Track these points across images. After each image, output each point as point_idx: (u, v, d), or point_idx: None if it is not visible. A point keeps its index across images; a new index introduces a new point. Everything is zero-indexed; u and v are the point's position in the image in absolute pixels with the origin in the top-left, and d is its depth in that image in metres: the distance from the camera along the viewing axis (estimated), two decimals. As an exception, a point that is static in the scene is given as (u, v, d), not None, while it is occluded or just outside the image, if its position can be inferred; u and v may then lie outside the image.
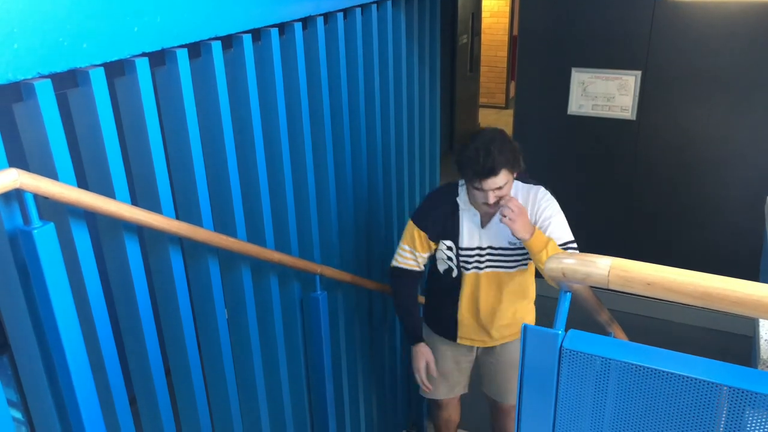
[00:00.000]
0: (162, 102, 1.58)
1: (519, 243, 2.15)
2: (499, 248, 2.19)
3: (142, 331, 1.57)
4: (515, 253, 2.20)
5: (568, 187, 4.23)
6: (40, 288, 1.23)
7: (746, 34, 3.51)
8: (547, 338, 1.03)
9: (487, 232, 2.18)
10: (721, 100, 3.69)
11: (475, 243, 2.20)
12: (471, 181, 2.01)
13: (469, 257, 2.22)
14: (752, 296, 0.87)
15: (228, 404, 1.93)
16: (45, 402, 1.38)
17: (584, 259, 0.98)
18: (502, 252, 2.20)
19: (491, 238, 2.19)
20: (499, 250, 2.20)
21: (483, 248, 2.20)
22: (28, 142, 1.28)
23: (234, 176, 1.80)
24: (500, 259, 2.22)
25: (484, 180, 1.95)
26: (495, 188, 1.98)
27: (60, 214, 1.32)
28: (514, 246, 2.18)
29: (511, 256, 2.20)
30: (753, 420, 0.96)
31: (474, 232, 2.19)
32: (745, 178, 3.76)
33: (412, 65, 2.91)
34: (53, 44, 1.17)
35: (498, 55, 9.13)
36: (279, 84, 1.92)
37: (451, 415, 2.70)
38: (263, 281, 2.05)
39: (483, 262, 2.22)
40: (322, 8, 2.08)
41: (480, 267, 2.23)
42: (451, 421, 2.73)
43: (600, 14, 3.81)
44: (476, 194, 2.03)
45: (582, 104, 4.00)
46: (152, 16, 1.38)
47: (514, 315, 2.33)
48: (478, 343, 2.39)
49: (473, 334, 2.36)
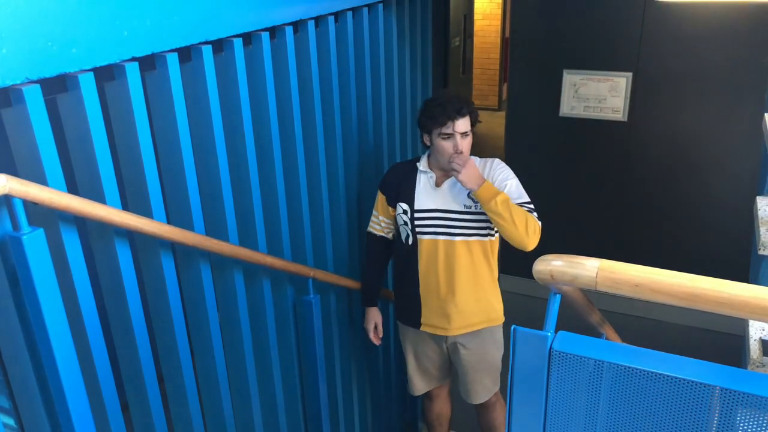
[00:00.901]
0: (152, 106, 1.58)
1: (474, 207, 2.20)
2: (455, 211, 2.24)
3: (134, 336, 1.56)
4: (472, 218, 2.23)
5: (560, 188, 4.25)
6: (29, 294, 1.22)
7: (736, 35, 3.54)
8: (536, 340, 1.03)
9: (442, 193, 2.25)
10: (711, 101, 3.71)
11: (430, 205, 2.26)
12: (441, 128, 2.13)
13: (423, 220, 2.26)
14: (738, 297, 0.88)
15: (221, 409, 1.93)
16: (36, 409, 1.37)
17: (572, 260, 0.99)
18: (458, 217, 2.23)
19: (446, 201, 2.24)
20: (454, 214, 2.24)
21: (437, 210, 2.25)
22: (17, 147, 1.27)
23: (225, 180, 1.79)
24: (456, 225, 2.24)
25: (456, 120, 2.11)
26: (462, 132, 2.13)
27: (50, 219, 1.31)
28: (470, 210, 2.22)
29: (467, 221, 2.23)
30: (744, 420, 0.97)
31: (429, 193, 2.26)
32: (736, 178, 3.79)
33: (404, 68, 2.92)
34: (42, 49, 1.17)
35: (490, 58, 9.16)
36: (270, 88, 1.92)
37: (442, 409, 2.73)
38: (256, 285, 2.05)
39: (438, 227, 2.25)
40: (313, 12, 2.08)
41: (436, 233, 2.26)
42: (443, 416, 2.76)
43: (591, 16, 3.83)
44: (444, 145, 2.15)
45: (574, 106, 4.02)
46: (142, 21, 1.38)
47: (476, 299, 2.32)
48: (440, 331, 2.38)
49: (435, 319, 2.36)
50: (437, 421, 2.78)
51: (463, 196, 2.22)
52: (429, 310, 2.36)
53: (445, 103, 2.13)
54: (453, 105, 2.12)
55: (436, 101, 2.18)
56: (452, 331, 2.37)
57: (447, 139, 2.15)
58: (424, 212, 2.26)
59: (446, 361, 2.55)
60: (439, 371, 2.59)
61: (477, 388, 2.49)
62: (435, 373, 2.58)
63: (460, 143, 2.14)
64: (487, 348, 2.43)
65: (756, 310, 0.88)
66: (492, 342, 2.44)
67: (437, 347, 2.49)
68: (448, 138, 2.14)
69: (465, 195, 2.21)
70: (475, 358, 2.43)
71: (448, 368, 2.60)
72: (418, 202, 2.27)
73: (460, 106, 2.13)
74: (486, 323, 2.38)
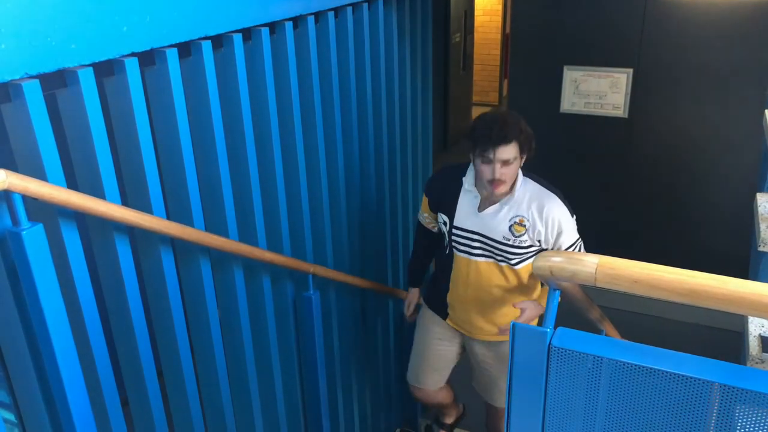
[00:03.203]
0: (152, 102, 1.58)
1: (513, 240, 2.11)
2: (492, 239, 2.14)
3: (134, 332, 1.57)
4: (509, 250, 2.14)
5: (560, 184, 4.24)
6: (29, 290, 1.22)
7: (737, 31, 3.53)
8: (535, 336, 1.03)
9: (483, 219, 2.14)
10: (712, 97, 3.71)
11: (469, 226, 2.17)
12: (482, 151, 1.99)
13: (460, 238, 2.19)
14: (737, 293, 0.88)
15: (221, 405, 1.93)
16: (36, 404, 1.37)
17: (571, 257, 0.99)
18: (495, 245, 2.15)
19: (485, 227, 2.14)
20: (491, 242, 2.15)
21: (475, 233, 2.16)
22: (17, 142, 1.27)
23: (225, 176, 1.79)
24: (492, 252, 2.16)
25: (495, 148, 1.96)
26: (503, 160, 1.98)
27: (49, 214, 1.31)
28: (508, 243, 2.13)
29: (503, 251, 2.15)
30: (743, 416, 0.97)
31: (470, 214, 2.16)
32: (736, 175, 3.79)
33: (404, 64, 2.91)
34: (41, 44, 1.17)
35: (491, 54, 9.13)
36: (270, 83, 1.92)
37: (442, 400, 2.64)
38: (255, 281, 2.05)
39: (474, 248, 2.18)
40: (313, 7, 2.08)
41: (471, 253, 2.19)
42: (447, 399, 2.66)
43: (592, 12, 3.82)
44: (483, 169, 2.01)
45: (574, 102, 4.01)
46: (141, 16, 1.37)
47: (506, 318, 2.26)
48: (464, 331, 2.36)
49: (460, 321, 2.34)
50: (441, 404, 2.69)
51: (504, 227, 2.11)
52: (455, 312, 2.34)
53: (490, 126, 1.98)
54: (497, 131, 1.96)
55: (482, 122, 2.03)
56: (475, 335, 2.34)
57: (487, 163, 2.01)
58: (462, 230, 2.19)
59: (454, 360, 2.50)
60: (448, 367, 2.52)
61: (495, 390, 2.45)
62: (438, 365, 2.50)
63: (498, 170, 1.99)
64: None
65: (755, 306, 0.88)
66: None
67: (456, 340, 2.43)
68: (488, 162, 2.00)
69: (507, 227, 2.10)
70: (496, 364, 2.38)
71: (451, 368, 2.53)
72: (458, 220, 2.18)
73: (504, 134, 1.96)
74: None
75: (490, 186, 2.03)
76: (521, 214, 2.09)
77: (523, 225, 2.09)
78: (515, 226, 2.09)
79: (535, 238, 2.11)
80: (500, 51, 9.06)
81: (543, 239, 2.11)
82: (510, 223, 2.10)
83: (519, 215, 2.09)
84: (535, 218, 2.08)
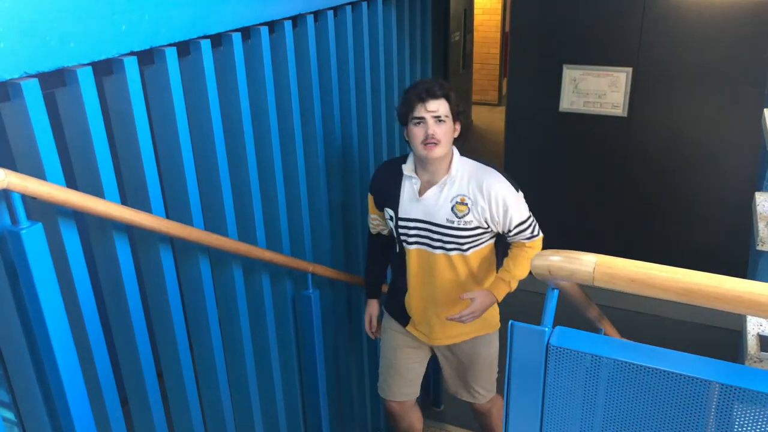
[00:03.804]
0: (151, 101, 1.58)
1: (457, 222, 2.04)
2: (436, 224, 2.06)
3: (133, 331, 1.57)
4: (456, 234, 2.05)
5: (559, 183, 4.25)
6: (28, 289, 1.23)
7: (736, 30, 3.53)
8: (533, 335, 1.03)
9: (425, 204, 2.07)
10: (711, 96, 3.71)
11: (413, 214, 2.09)
12: (412, 113, 1.95)
13: (407, 229, 2.11)
14: (734, 292, 0.88)
15: (220, 404, 1.93)
16: (35, 403, 1.38)
17: (569, 256, 0.99)
18: (440, 230, 2.06)
19: (428, 212, 2.07)
20: (436, 227, 2.06)
21: (420, 221, 2.08)
22: (16, 141, 1.27)
23: (224, 175, 1.79)
24: (441, 240, 2.08)
25: (425, 102, 1.92)
26: (435, 116, 1.93)
27: (48, 214, 1.31)
28: (452, 225, 2.04)
29: (448, 236, 2.06)
30: (742, 415, 0.97)
31: (412, 201, 2.09)
32: (735, 174, 3.79)
33: (403, 63, 2.91)
34: (40, 43, 1.17)
35: (490, 52, 9.13)
36: (269, 83, 1.92)
37: (413, 423, 2.55)
38: (255, 280, 2.05)
39: (422, 238, 2.10)
40: (312, 6, 2.08)
41: (420, 243, 2.11)
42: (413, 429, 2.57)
43: (591, 11, 3.82)
44: (416, 132, 1.96)
45: (573, 101, 4.01)
46: (140, 15, 1.37)
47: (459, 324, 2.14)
48: (423, 338, 2.27)
49: (420, 325, 2.26)
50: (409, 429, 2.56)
51: (446, 210, 2.04)
52: (415, 315, 2.26)
53: (417, 85, 1.98)
54: (424, 87, 1.94)
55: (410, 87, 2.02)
56: (434, 341, 2.26)
57: (418, 124, 1.95)
58: (407, 221, 2.11)
59: (424, 369, 2.44)
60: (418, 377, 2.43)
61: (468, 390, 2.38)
62: (414, 378, 2.42)
63: (431, 127, 1.93)
64: (479, 353, 2.30)
65: (752, 306, 0.88)
66: (485, 348, 2.30)
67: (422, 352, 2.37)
68: (419, 123, 1.95)
69: (449, 209, 2.03)
70: (463, 366, 2.33)
71: (419, 378, 2.45)
72: (402, 210, 2.11)
73: (432, 90, 1.93)
74: (476, 332, 2.25)
75: (423, 150, 1.95)
76: (461, 193, 2.03)
77: (464, 204, 2.02)
78: (457, 206, 2.03)
79: (481, 217, 2.03)
80: (500, 49, 9.06)
81: (489, 218, 2.03)
82: (452, 204, 2.03)
83: (459, 194, 2.03)
84: (476, 195, 2.02)
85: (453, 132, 2.01)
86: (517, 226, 2.06)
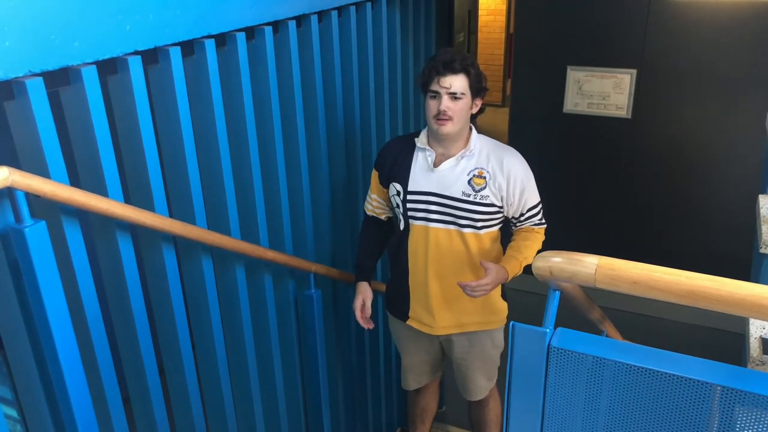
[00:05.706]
0: (155, 100, 1.58)
1: (474, 196, 1.97)
2: (451, 197, 1.99)
3: (135, 329, 1.57)
4: (471, 209, 1.98)
5: (562, 184, 4.24)
6: (31, 287, 1.23)
7: (741, 32, 3.52)
8: (535, 337, 1.03)
9: (439, 176, 2.00)
10: (715, 99, 3.70)
11: (425, 187, 2.01)
12: (429, 85, 1.89)
13: (416, 203, 2.03)
14: (737, 294, 0.88)
15: (222, 403, 1.93)
16: (38, 401, 1.38)
17: (571, 257, 0.99)
18: (454, 204, 1.99)
19: (442, 184, 1.99)
20: (449, 200, 1.99)
21: (432, 194, 2.01)
22: (20, 140, 1.27)
23: (228, 174, 1.80)
24: (451, 213, 2.00)
25: (442, 76, 1.86)
26: (450, 92, 1.87)
27: (52, 212, 1.32)
28: (468, 198, 1.98)
29: (463, 210, 1.99)
30: (744, 418, 0.97)
31: (425, 172, 2.02)
32: (739, 176, 3.78)
33: (407, 63, 2.91)
34: (45, 42, 1.17)
35: (494, 54, 9.12)
36: (273, 82, 1.92)
37: (428, 404, 2.61)
38: (257, 279, 2.05)
39: (431, 212, 2.02)
40: (317, 6, 2.08)
41: (428, 219, 2.03)
42: (427, 411, 2.62)
43: (596, 13, 3.81)
44: (431, 105, 1.91)
45: (577, 102, 4.01)
46: (145, 14, 1.37)
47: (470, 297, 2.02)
48: (425, 328, 2.20)
49: (422, 314, 2.18)
50: (420, 416, 2.64)
51: (462, 182, 1.97)
52: (417, 303, 2.17)
53: (438, 57, 1.88)
54: (444, 60, 1.85)
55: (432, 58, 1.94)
56: (437, 330, 2.19)
57: (434, 97, 1.89)
58: (418, 194, 2.02)
59: (437, 356, 2.41)
60: (431, 366, 2.44)
61: (470, 386, 2.38)
62: (426, 368, 2.44)
63: (445, 102, 1.86)
64: (484, 349, 2.27)
65: (755, 309, 0.88)
66: (490, 345, 2.27)
67: (428, 343, 2.32)
68: (434, 97, 1.89)
69: (465, 181, 1.96)
70: (469, 360, 2.29)
71: (439, 364, 2.46)
72: (413, 183, 2.02)
73: (452, 64, 1.85)
74: (482, 326, 2.20)
75: (435, 124, 1.91)
76: (480, 166, 1.98)
77: (482, 177, 1.97)
78: (474, 179, 1.97)
79: (498, 194, 1.99)
80: (504, 51, 9.05)
81: (505, 197, 1.99)
82: (469, 176, 1.97)
83: (478, 167, 1.98)
84: (495, 170, 1.98)
85: (470, 109, 1.96)
86: (530, 209, 2.05)
